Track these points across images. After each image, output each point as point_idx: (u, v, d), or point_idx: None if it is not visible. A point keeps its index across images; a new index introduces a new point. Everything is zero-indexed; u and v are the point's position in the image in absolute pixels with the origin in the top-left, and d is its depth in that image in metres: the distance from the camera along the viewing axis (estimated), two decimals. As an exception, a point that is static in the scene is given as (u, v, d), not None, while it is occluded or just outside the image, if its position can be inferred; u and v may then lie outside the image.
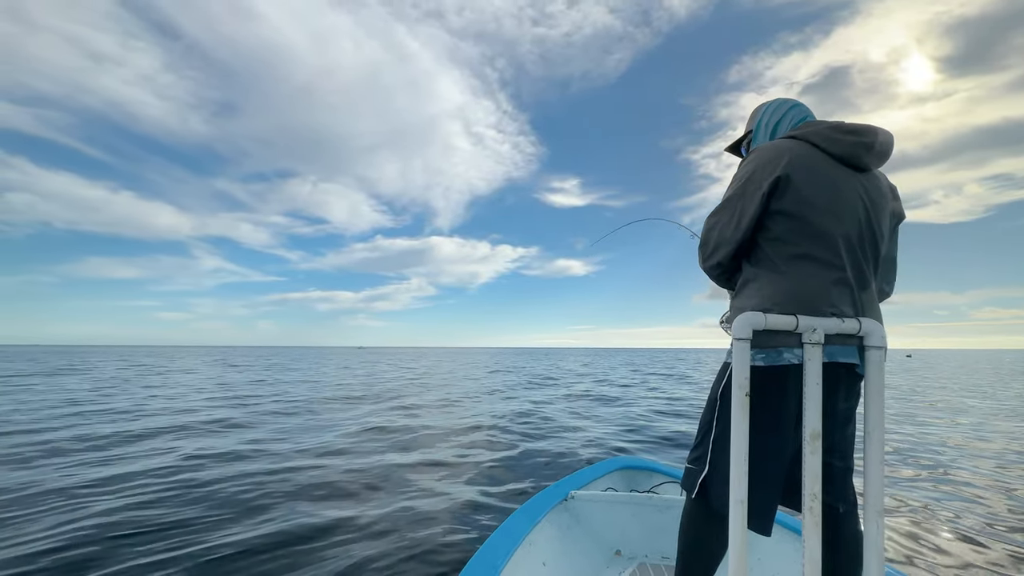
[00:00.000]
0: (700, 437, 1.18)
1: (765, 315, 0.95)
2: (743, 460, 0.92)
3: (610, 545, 1.96)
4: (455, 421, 7.03)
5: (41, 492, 3.41)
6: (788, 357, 0.98)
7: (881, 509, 0.92)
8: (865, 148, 1.07)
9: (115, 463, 4.29)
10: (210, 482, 3.66)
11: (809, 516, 0.93)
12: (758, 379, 0.98)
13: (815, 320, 0.95)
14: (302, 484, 3.69)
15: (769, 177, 1.07)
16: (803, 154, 1.08)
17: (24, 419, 6.74)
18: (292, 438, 5.59)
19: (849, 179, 1.08)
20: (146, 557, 2.39)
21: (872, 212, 1.09)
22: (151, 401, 9.18)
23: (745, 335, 0.94)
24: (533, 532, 1.62)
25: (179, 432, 5.92)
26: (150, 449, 4.89)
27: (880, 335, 0.97)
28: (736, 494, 0.92)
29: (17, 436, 5.46)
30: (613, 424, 6.81)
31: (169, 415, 7.36)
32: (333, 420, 7.10)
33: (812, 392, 0.94)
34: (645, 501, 1.96)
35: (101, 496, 3.33)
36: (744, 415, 0.92)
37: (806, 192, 1.05)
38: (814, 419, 0.93)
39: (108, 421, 6.68)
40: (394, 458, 4.59)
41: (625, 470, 2.46)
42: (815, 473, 0.93)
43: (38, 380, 14.04)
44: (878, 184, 1.12)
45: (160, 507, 3.11)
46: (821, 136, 1.09)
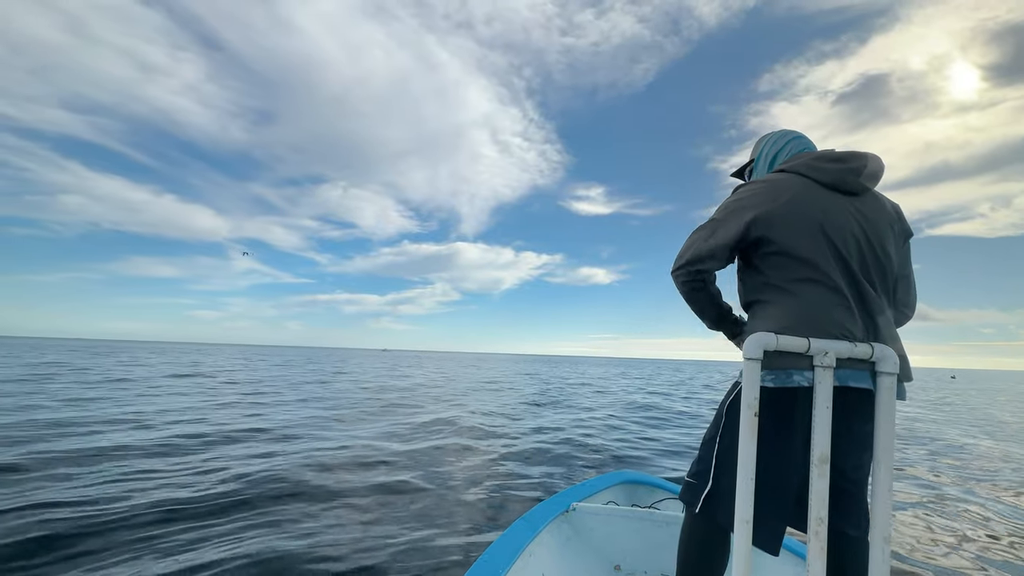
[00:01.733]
0: (703, 451, 1.19)
1: (777, 336, 0.95)
2: (750, 479, 0.92)
3: (610, 559, 1.94)
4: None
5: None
6: (798, 379, 0.99)
7: (888, 535, 0.91)
8: (852, 173, 1.10)
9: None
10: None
11: (815, 540, 0.92)
12: (767, 399, 0.99)
13: (827, 343, 0.95)
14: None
15: (757, 208, 1.11)
16: (790, 186, 1.12)
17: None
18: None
19: (842, 204, 1.10)
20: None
21: (871, 234, 1.10)
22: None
23: (756, 355, 0.94)
24: (533, 543, 1.62)
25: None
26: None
27: (893, 361, 0.96)
28: (741, 513, 0.92)
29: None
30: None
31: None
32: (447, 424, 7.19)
33: (821, 415, 0.93)
34: (646, 516, 1.94)
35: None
36: (752, 435, 0.93)
37: (799, 220, 1.08)
38: (822, 442, 0.93)
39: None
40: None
41: (627, 484, 2.43)
42: (822, 497, 0.92)
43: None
44: (877, 205, 1.14)
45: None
46: (808, 167, 1.14)
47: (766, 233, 1.10)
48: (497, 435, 6.35)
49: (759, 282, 1.15)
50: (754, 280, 1.17)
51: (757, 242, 1.12)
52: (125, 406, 7.59)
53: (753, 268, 1.17)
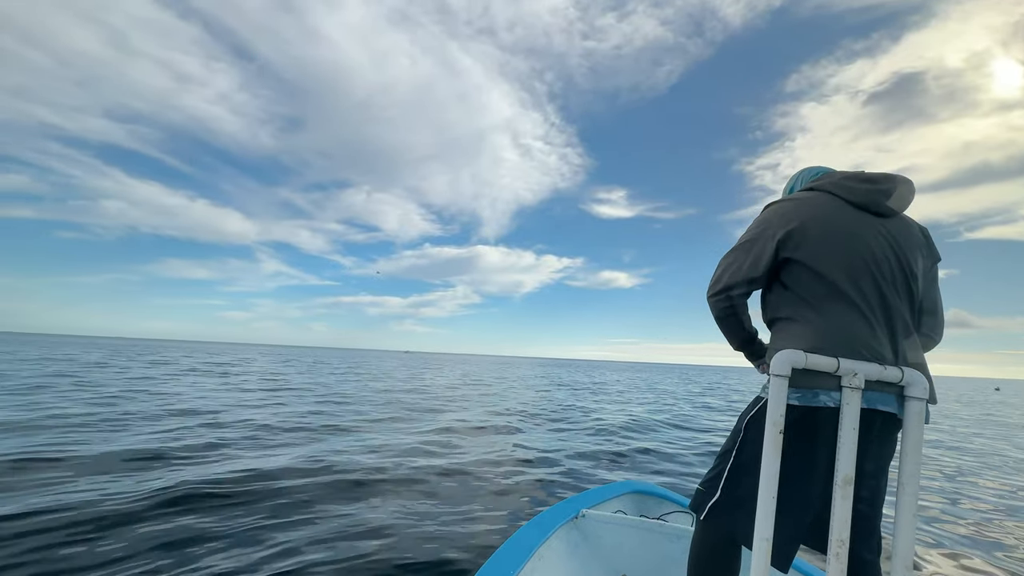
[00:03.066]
0: (718, 462, 1.20)
1: (806, 355, 0.95)
2: (772, 497, 0.91)
3: (617, 568, 1.93)
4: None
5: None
6: (824, 399, 0.98)
7: (910, 564, 0.89)
8: (883, 195, 1.10)
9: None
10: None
11: (835, 562, 0.91)
12: (790, 418, 0.98)
13: (857, 364, 0.94)
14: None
15: (785, 225, 1.11)
16: (820, 203, 1.12)
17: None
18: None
19: (872, 225, 1.10)
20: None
21: (901, 255, 1.09)
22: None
23: (784, 372, 0.93)
24: (543, 547, 1.63)
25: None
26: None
27: (923, 386, 0.95)
28: (761, 532, 0.91)
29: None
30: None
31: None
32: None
33: (847, 436, 0.92)
34: (655, 528, 1.93)
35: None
36: (776, 452, 0.92)
37: (828, 239, 1.08)
38: (847, 464, 0.92)
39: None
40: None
41: (636, 494, 2.42)
42: (844, 519, 0.91)
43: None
44: (906, 228, 1.13)
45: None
46: (838, 186, 1.13)
47: (794, 251, 1.10)
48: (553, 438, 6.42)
49: (785, 299, 1.15)
50: (780, 297, 1.17)
51: (786, 261, 1.13)
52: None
53: (779, 284, 1.17)
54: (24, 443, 4.49)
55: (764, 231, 1.15)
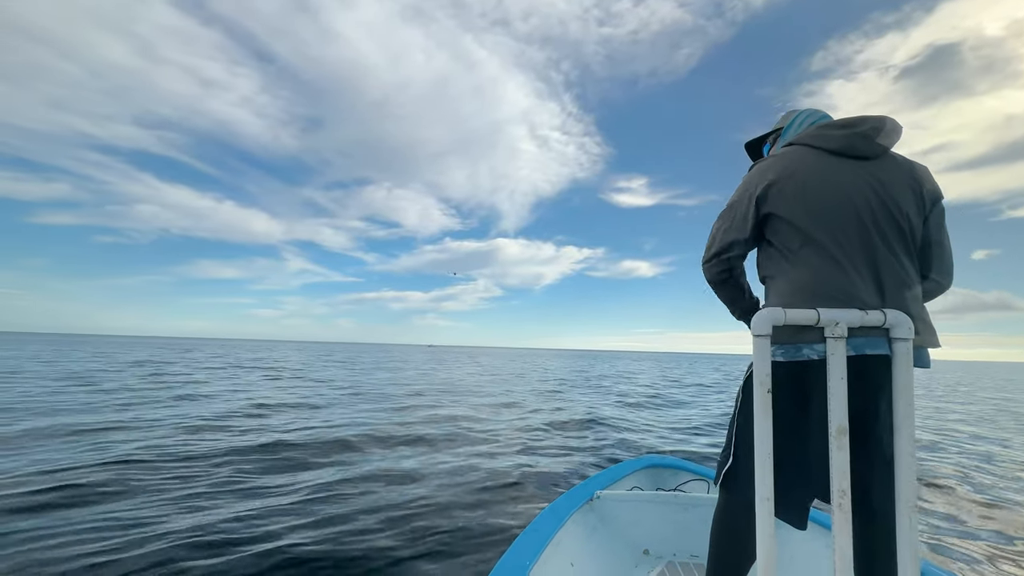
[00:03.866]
0: (728, 431, 1.22)
1: (785, 310, 0.95)
2: (767, 456, 0.92)
3: (638, 544, 1.94)
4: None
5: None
6: (807, 352, 0.98)
7: (914, 504, 0.89)
8: (861, 137, 1.07)
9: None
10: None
11: (838, 512, 0.91)
12: (779, 375, 0.97)
13: (837, 313, 0.93)
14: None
15: (763, 182, 1.12)
16: (796, 156, 1.11)
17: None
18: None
19: (852, 169, 1.07)
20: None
21: (885, 195, 1.06)
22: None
23: (764, 331, 0.94)
24: (560, 532, 1.62)
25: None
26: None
27: (907, 327, 0.93)
28: (761, 491, 0.92)
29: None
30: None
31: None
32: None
33: (836, 387, 0.91)
34: (671, 500, 1.93)
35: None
36: (767, 412, 0.92)
37: (801, 189, 1.07)
38: (840, 414, 0.91)
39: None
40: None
41: (651, 468, 2.41)
42: (843, 469, 0.91)
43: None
44: (893, 167, 1.09)
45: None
46: (813, 137, 1.13)
47: (773, 206, 1.10)
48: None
49: (769, 255, 1.16)
50: (765, 255, 1.18)
51: (766, 217, 1.13)
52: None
53: (766, 242, 1.17)
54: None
55: (745, 191, 1.16)
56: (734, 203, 1.19)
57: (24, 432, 4.85)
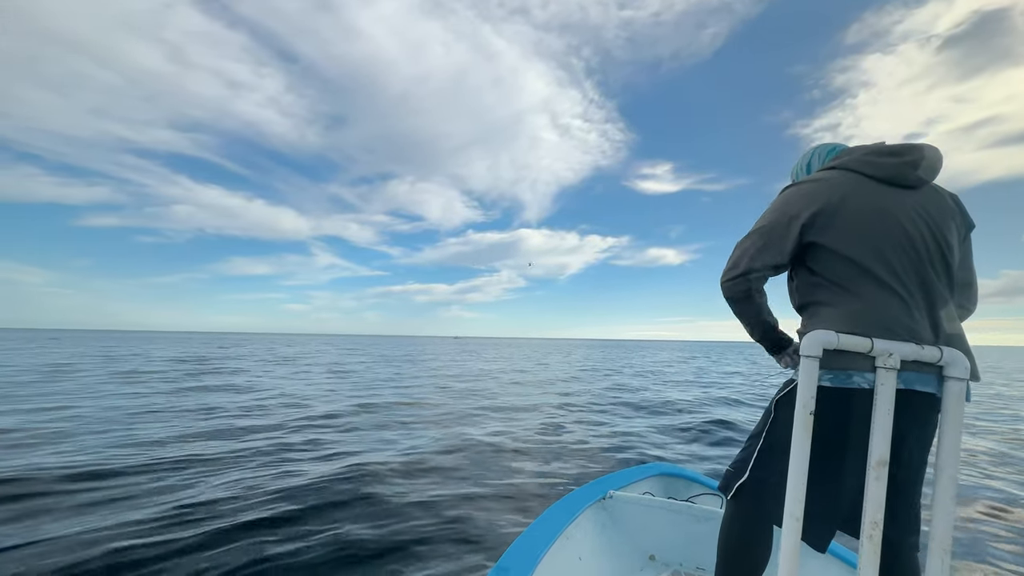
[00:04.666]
0: (748, 444, 1.19)
1: (838, 335, 0.93)
2: (801, 478, 0.91)
3: (645, 549, 1.97)
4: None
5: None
6: (858, 380, 0.96)
7: (948, 547, 0.87)
8: (910, 166, 1.04)
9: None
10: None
11: (868, 544, 0.90)
12: (822, 399, 0.96)
13: (892, 344, 0.92)
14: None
15: (809, 208, 1.07)
16: (845, 183, 1.07)
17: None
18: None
19: (901, 198, 1.05)
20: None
21: (935, 227, 1.04)
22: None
23: (815, 353, 0.92)
24: (571, 527, 1.65)
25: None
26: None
27: (963, 366, 0.91)
28: (792, 510, 0.91)
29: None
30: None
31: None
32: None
33: (882, 418, 0.90)
34: (684, 509, 1.93)
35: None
36: (807, 434, 0.91)
37: (855, 220, 1.04)
38: (882, 446, 0.90)
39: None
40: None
41: (663, 476, 2.41)
42: (878, 502, 0.90)
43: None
44: (937, 198, 1.07)
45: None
46: (860, 162, 1.08)
47: (820, 234, 1.07)
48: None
49: (814, 283, 1.11)
50: (807, 282, 1.13)
51: (811, 244, 1.09)
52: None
53: (807, 270, 1.13)
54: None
55: (786, 213, 1.11)
56: (771, 225, 1.13)
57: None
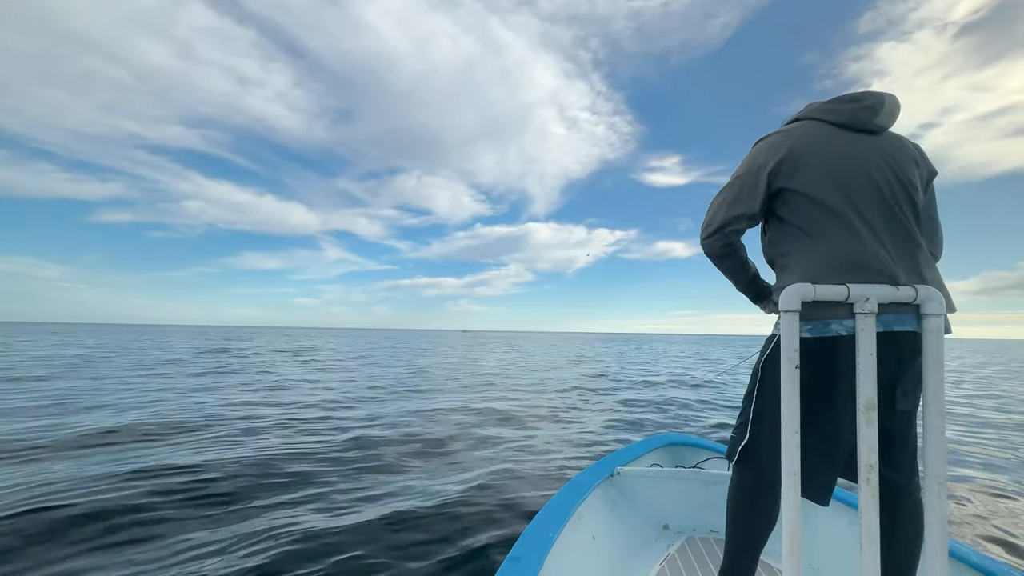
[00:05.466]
0: (743, 406, 1.21)
1: (814, 286, 0.94)
2: (794, 432, 0.92)
3: (658, 519, 2.00)
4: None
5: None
6: (836, 328, 0.97)
7: (943, 480, 0.88)
8: (870, 111, 1.07)
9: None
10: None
11: (866, 487, 0.91)
12: (805, 351, 0.97)
13: (868, 288, 0.92)
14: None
15: (775, 156, 1.10)
16: (808, 130, 1.10)
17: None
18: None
19: (864, 143, 1.08)
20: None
21: (897, 169, 1.06)
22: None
23: (794, 307, 0.93)
24: (581, 507, 1.66)
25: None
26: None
27: (939, 301, 0.92)
28: (788, 465, 0.92)
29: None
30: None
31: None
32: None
33: (865, 362, 0.91)
34: (691, 476, 1.96)
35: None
36: (794, 387, 0.92)
37: (819, 162, 1.06)
38: (868, 390, 0.91)
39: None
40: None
41: (670, 446, 2.44)
42: (871, 444, 0.91)
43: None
44: (899, 143, 1.11)
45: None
46: (821, 111, 1.12)
47: (788, 179, 1.09)
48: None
49: (784, 232, 1.13)
50: (778, 231, 1.15)
51: (779, 192, 1.11)
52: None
53: (777, 219, 1.15)
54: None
55: (754, 164, 1.14)
56: (739, 176, 1.16)
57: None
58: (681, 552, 1.78)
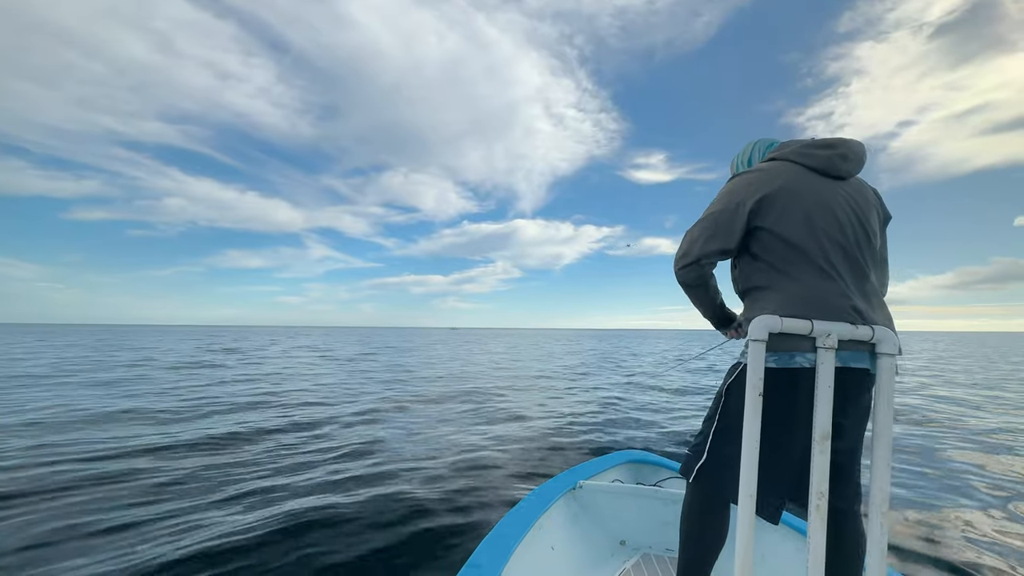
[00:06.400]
0: (702, 428, 1.25)
1: (781, 319, 0.98)
2: (753, 456, 0.96)
3: (615, 535, 2.03)
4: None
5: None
6: (800, 360, 1.02)
7: (886, 510, 0.93)
8: (841, 158, 1.14)
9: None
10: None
11: (815, 514, 0.95)
12: (769, 380, 1.01)
13: (830, 325, 0.98)
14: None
15: (754, 196, 1.14)
16: (785, 172, 1.15)
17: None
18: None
19: (833, 188, 1.14)
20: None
21: (860, 214, 1.14)
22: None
23: (761, 336, 0.97)
24: (543, 517, 1.69)
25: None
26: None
27: (893, 343, 0.98)
28: (746, 488, 0.96)
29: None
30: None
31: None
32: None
33: (823, 394, 0.96)
34: (651, 494, 2.00)
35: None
36: (756, 414, 0.96)
37: (794, 205, 1.11)
38: (824, 421, 0.95)
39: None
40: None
41: (632, 463, 2.48)
42: (823, 472, 0.96)
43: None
44: (861, 189, 1.18)
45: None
46: (798, 154, 1.17)
47: (764, 219, 1.14)
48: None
49: (756, 268, 1.18)
50: (751, 266, 1.20)
51: (755, 229, 1.16)
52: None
53: (750, 255, 1.20)
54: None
55: (732, 201, 1.17)
56: (717, 212, 1.19)
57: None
58: (636, 568, 1.81)
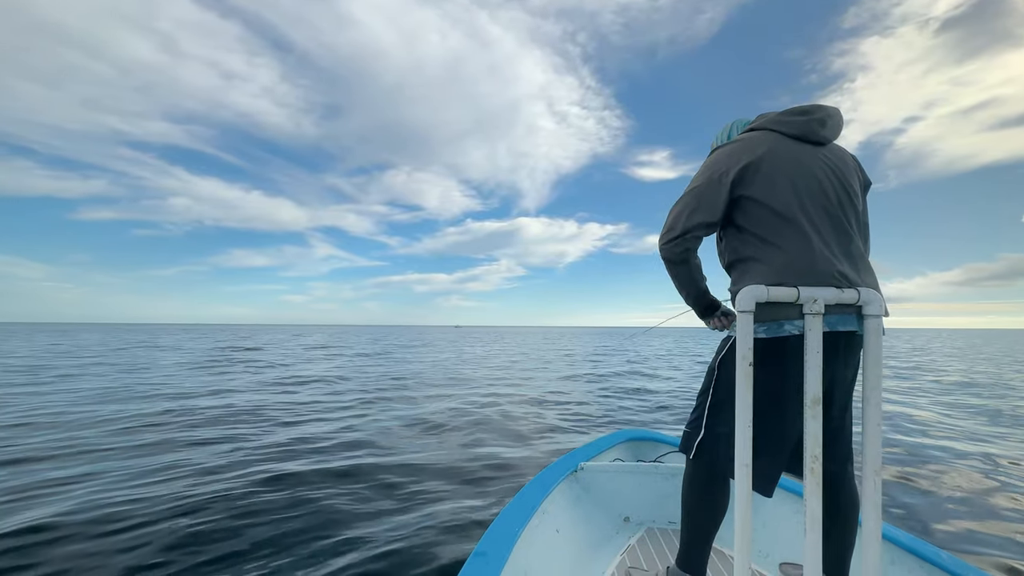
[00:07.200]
0: (697, 403, 1.27)
1: (767, 288, 0.99)
2: (747, 427, 0.97)
3: (619, 512, 2.07)
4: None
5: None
6: (788, 328, 1.03)
7: (879, 468, 0.94)
8: (818, 123, 1.15)
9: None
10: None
11: (811, 477, 0.97)
12: (760, 350, 1.03)
13: (815, 291, 0.99)
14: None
15: (736, 164, 1.14)
16: (765, 140, 1.16)
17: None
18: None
19: (812, 153, 1.15)
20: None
21: (842, 178, 1.14)
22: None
23: (749, 307, 0.98)
24: (546, 502, 1.71)
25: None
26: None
27: (878, 303, 0.99)
28: (741, 458, 0.97)
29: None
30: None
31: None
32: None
33: (813, 360, 0.97)
34: (651, 470, 2.05)
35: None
36: (748, 385, 0.97)
37: (777, 172, 1.11)
38: (815, 386, 0.96)
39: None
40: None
41: (631, 441, 2.53)
42: (816, 437, 0.97)
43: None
44: (841, 154, 1.19)
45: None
46: (775, 122, 1.18)
47: (747, 188, 1.14)
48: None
49: (741, 240, 1.18)
50: (735, 239, 1.20)
51: (739, 199, 1.16)
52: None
53: (735, 227, 1.20)
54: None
55: (715, 172, 1.17)
56: (701, 185, 1.19)
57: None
58: (641, 543, 1.86)
